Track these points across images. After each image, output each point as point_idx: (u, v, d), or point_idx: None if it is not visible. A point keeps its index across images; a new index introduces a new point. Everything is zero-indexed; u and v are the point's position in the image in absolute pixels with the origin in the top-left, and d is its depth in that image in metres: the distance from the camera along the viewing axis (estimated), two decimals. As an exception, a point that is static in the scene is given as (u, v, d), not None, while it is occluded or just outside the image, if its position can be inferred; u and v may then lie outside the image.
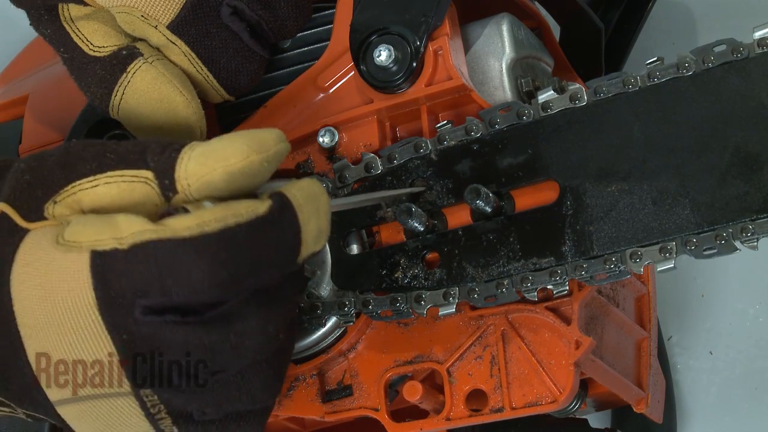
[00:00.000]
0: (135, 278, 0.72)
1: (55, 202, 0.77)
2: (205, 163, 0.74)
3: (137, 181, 0.76)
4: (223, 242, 0.72)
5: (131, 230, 0.73)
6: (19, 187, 0.78)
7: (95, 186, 0.76)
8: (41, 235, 0.76)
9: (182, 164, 0.75)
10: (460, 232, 0.90)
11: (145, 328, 0.73)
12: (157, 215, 0.75)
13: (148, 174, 0.76)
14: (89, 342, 0.74)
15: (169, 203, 0.75)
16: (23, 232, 0.77)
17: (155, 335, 0.73)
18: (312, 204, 0.76)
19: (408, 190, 0.91)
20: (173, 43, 0.94)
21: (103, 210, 0.76)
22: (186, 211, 0.74)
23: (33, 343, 0.75)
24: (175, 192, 0.75)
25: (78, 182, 0.77)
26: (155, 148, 0.77)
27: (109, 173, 0.76)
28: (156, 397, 0.76)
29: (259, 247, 0.73)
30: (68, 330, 0.74)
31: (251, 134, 0.75)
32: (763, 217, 0.81)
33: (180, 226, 0.72)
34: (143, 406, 0.76)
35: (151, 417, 0.77)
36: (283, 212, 0.74)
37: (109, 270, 0.72)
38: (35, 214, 0.77)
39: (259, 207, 0.73)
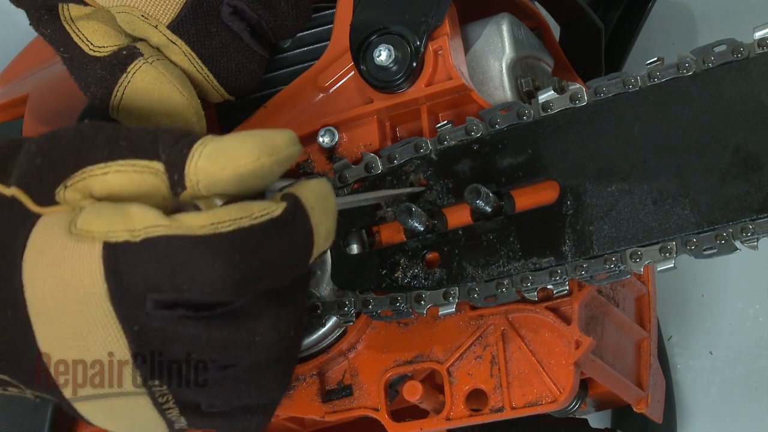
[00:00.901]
0: (147, 272, 0.72)
1: (66, 186, 0.77)
2: (216, 162, 0.74)
3: (148, 172, 0.76)
4: (237, 243, 0.72)
5: (144, 223, 0.73)
6: (31, 170, 0.78)
7: (106, 173, 0.76)
8: (53, 221, 0.76)
9: (193, 160, 0.75)
10: (460, 232, 0.90)
11: (156, 322, 0.73)
12: (166, 207, 0.75)
13: (159, 166, 0.76)
14: (100, 332, 0.74)
15: (177, 197, 0.75)
16: (35, 218, 0.76)
17: (166, 329, 0.73)
18: (322, 205, 0.76)
19: (409, 189, 0.91)
20: (173, 42, 0.94)
21: (113, 198, 0.76)
22: (197, 208, 0.74)
23: (43, 331, 0.75)
24: (184, 188, 0.75)
25: (89, 168, 0.76)
26: (168, 139, 0.76)
27: (120, 162, 0.76)
28: (165, 388, 0.76)
29: (273, 249, 0.73)
30: (80, 319, 0.74)
31: (264, 136, 0.75)
32: (763, 217, 0.81)
33: (195, 223, 0.72)
34: (151, 395, 0.76)
35: (159, 406, 0.77)
36: (297, 215, 0.74)
37: (121, 262, 0.72)
38: (46, 198, 0.77)
39: (274, 209, 0.73)
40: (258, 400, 0.79)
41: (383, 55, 0.92)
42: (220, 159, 0.74)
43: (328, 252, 0.93)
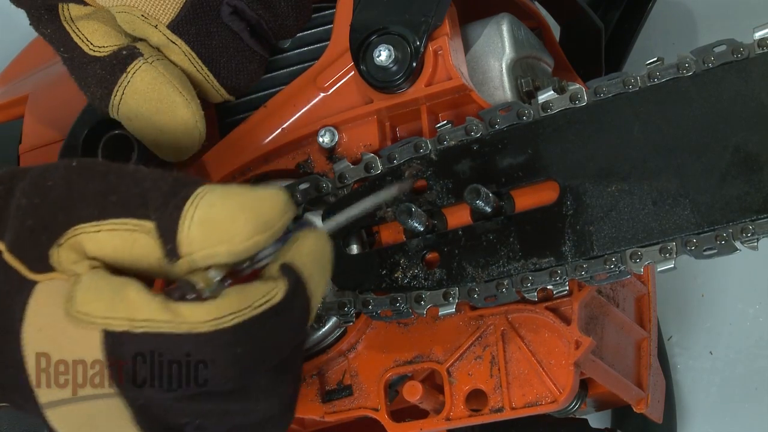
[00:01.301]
0: (148, 365, 0.72)
1: (59, 245, 0.76)
2: (209, 237, 0.73)
3: (140, 231, 0.75)
4: (240, 337, 0.72)
5: (144, 315, 0.72)
6: (22, 234, 0.76)
7: (98, 232, 0.75)
8: (50, 294, 0.75)
9: (185, 228, 0.74)
10: (460, 232, 0.90)
11: (162, 400, 0.74)
12: (160, 268, 0.75)
13: (150, 225, 0.75)
14: (105, 409, 0.74)
15: (172, 264, 0.75)
16: (31, 285, 0.76)
17: (170, 405, 0.74)
18: (319, 268, 0.76)
19: (398, 185, 0.90)
20: (173, 42, 0.94)
21: (107, 258, 0.76)
22: (194, 287, 0.74)
23: (52, 412, 0.75)
24: (178, 257, 0.74)
25: (81, 226, 0.76)
26: (157, 197, 0.75)
27: (111, 221, 0.75)
28: None
29: (274, 332, 0.73)
30: (83, 399, 0.74)
31: (256, 211, 0.74)
32: (763, 218, 0.81)
33: (196, 318, 0.72)
34: None
35: None
36: (297, 294, 0.74)
37: (124, 352, 0.72)
38: (41, 263, 0.76)
39: (275, 294, 0.73)
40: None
41: (383, 55, 0.92)
42: (212, 234, 0.73)
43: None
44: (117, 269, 0.76)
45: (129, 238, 0.75)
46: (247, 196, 0.74)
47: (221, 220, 0.73)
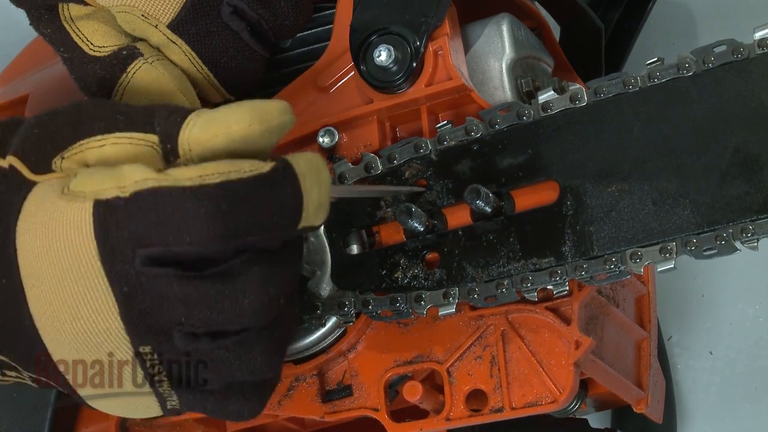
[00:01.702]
0: (135, 227, 0.72)
1: (63, 158, 0.77)
2: (208, 130, 0.74)
3: (144, 145, 0.76)
4: (223, 194, 0.72)
5: (134, 178, 0.73)
6: (29, 140, 0.78)
7: (102, 146, 0.77)
8: (48, 186, 0.76)
9: (186, 130, 0.75)
10: (460, 232, 0.90)
11: (145, 280, 0.73)
12: None
13: (155, 138, 0.76)
14: (90, 292, 0.74)
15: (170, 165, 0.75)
16: (31, 185, 0.77)
17: (155, 288, 0.73)
18: (314, 175, 0.76)
19: (408, 188, 0.91)
20: (173, 42, 0.94)
21: None
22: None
23: (34, 294, 0.75)
24: (177, 156, 0.75)
25: (86, 140, 0.77)
26: (163, 112, 0.77)
27: (117, 134, 0.77)
28: (155, 356, 0.76)
29: (260, 204, 0.73)
30: (70, 280, 0.74)
31: (256, 104, 0.75)
32: (763, 218, 0.81)
33: (182, 175, 0.72)
34: (142, 364, 0.76)
35: (150, 377, 0.77)
36: (286, 175, 0.74)
37: (110, 218, 0.73)
38: (43, 167, 0.77)
39: (262, 166, 0.73)
40: (250, 377, 0.78)
41: (383, 55, 0.92)
42: (211, 127, 0.74)
43: (328, 252, 0.93)
44: None
45: (132, 151, 0.76)
46: (251, 101, 0.76)
47: (221, 116, 0.75)
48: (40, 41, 0.99)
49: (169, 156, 0.76)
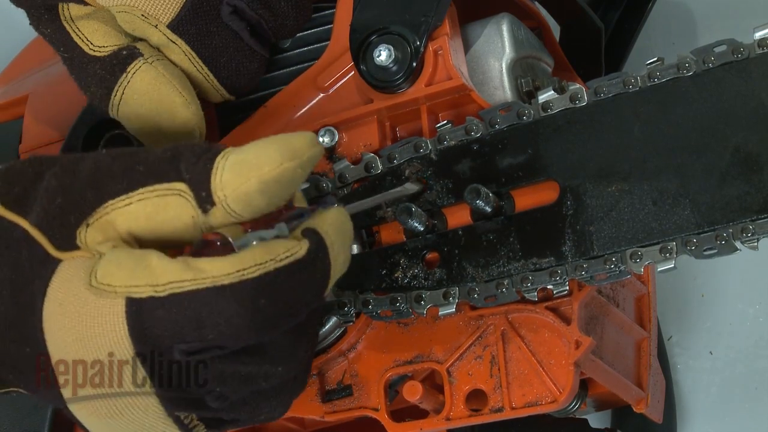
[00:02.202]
0: (173, 325, 0.72)
1: (88, 225, 0.76)
2: (240, 173, 0.73)
3: (171, 194, 0.75)
4: (263, 288, 0.72)
5: (168, 278, 0.72)
6: (52, 211, 0.77)
7: (129, 204, 0.76)
8: (74, 270, 0.75)
9: (217, 174, 0.74)
10: (460, 232, 0.90)
11: (183, 367, 0.74)
12: (196, 227, 0.75)
13: (182, 186, 0.75)
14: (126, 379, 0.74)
15: (206, 215, 0.75)
16: (55, 263, 0.76)
17: (191, 371, 0.74)
18: (341, 238, 0.76)
19: (408, 186, 0.91)
20: (173, 42, 0.94)
21: (140, 229, 0.76)
22: (225, 241, 0.73)
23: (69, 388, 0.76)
24: (213, 204, 0.74)
25: (111, 202, 0.76)
26: (189, 156, 0.76)
27: (141, 190, 0.75)
28: (191, 419, 0.77)
29: (295, 289, 0.73)
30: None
31: (283, 141, 0.74)
32: (764, 218, 0.81)
33: (219, 272, 0.72)
34: (176, 420, 0.76)
35: (184, 427, 0.77)
36: (319, 253, 0.74)
37: (146, 318, 0.72)
38: (68, 242, 0.76)
39: (298, 250, 0.73)
40: (278, 410, 0.80)
41: (383, 55, 0.92)
42: (243, 170, 0.73)
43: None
44: (147, 244, 0.76)
45: (161, 203, 0.75)
46: (277, 136, 0.75)
47: (251, 157, 0.74)
48: (40, 41, 0.99)
49: (205, 204, 0.74)
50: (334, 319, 0.93)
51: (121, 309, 0.73)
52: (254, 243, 0.74)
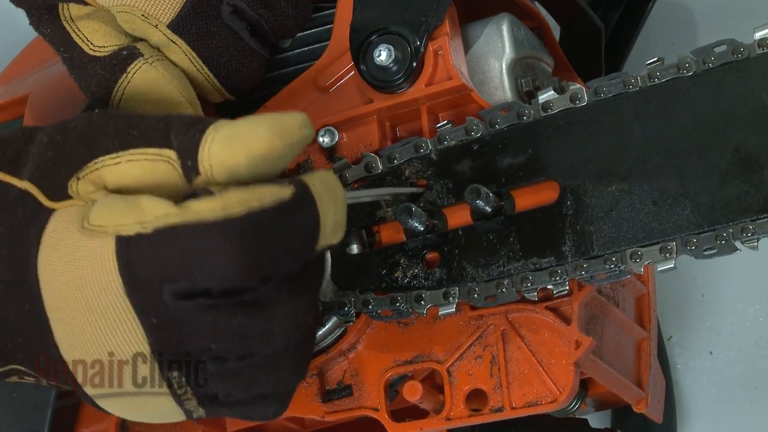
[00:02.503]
0: (160, 263, 0.72)
1: (78, 178, 0.77)
2: (229, 147, 0.74)
3: (160, 160, 0.75)
4: (248, 226, 0.71)
5: (155, 213, 0.72)
6: (43, 164, 0.78)
7: (118, 163, 0.76)
8: (67, 217, 0.76)
9: (206, 146, 0.74)
10: (460, 232, 0.90)
11: (174, 312, 0.73)
12: (179, 194, 0.75)
13: (171, 153, 0.75)
14: (118, 325, 0.74)
15: (190, 184, 0.75)
16: (48, 212, 0.77)
17: (184, 319, 0.73)
18: (330, 194, 0.76)
19: (410, 189, 0.91)
20: (174, 42, 0.94)
21: (126, 188, 0.76)
22: (210, 193, 0.73)
23: (61, 328, 0.76)
24: (197, 173, 0.75)
25: (101, 159, 0.76)
26: (180, 126, 0.76)
27: (132, 151, 0.76)
28: (183, 380, 0.76)
29: (282, 232, 0.73)
30: (97, 314, 0.74)
31: (276, 119, 0.74)
32: (764, 218, 0.81)
33: (204, 209, 0.71)
34: (170, 386, 0.76)
35: (177, 398, 0.77)
36: (305, 199, 0.74)
37: (134, 255, 0.72)
38: (59, 192, 0.77)
39: (283, 192, 0.73)
40: (275, 388, 0.79)
41: (383, 55, 0.92)
42: (232, 143, 0.74)
43: (328, 252, 0.93)
44: None
45: (149, 167, 0.75)
46: (270, 114, 0.75)
47: (242, 132, 0.74)
48: (40, 41, 0.99)
49: (190, 173, 0.75)
50: (334, 319, 0.93)
51: (111, 248, 0.73)
52: None
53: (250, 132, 0.74)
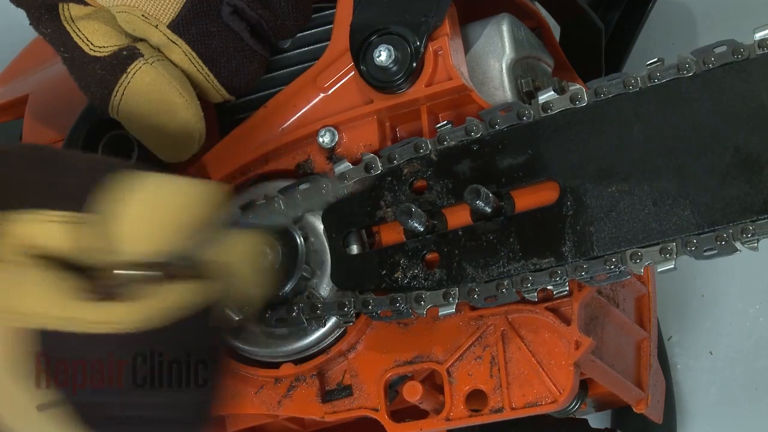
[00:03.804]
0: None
1: None
2: (137, 234, 0.73)
3: (58, 222, 0.73)
4: (160, 336, 0.72)
5: (40, 310, 0.71)
6: None
7: (27, 222, 0.74)
8: None
9: (116, 224, 0.73)
10: (460, 233, 0.90)
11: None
12: (79, 261, 0.73)
13: (71, 215, 0.73)
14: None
15: (93, 259, 0.74)
16: None
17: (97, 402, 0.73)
18: (246, 268, 0.77)
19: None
20: (174, 42, 0.94)
21: (39, 248, 0.74)
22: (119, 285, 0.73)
23: None
24: (107, 252, 0.73)
25: (13, 214, 0.74)
26: (82, 186, 0.74)
27: (43, 212, 0.74)
28: None
29: (195, 333, 0.75)
30: None
31: (201, 192, 0.75)
32: (764, 218, 0.81)
33: (118, 319, 0.71)
34: None
35: None
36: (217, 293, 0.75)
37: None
38: None
39: (196, 294, 0.73)
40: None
41: (383, 55, 0.92)
42: (140, 232, 0.73)
43: (328, 252, 0.94)
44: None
45: (46, 229, 0.73)
46: (180, 193, 0.74)
47: (150, 219, 0.73)
48: (40, 41, 0.99)
49: (97, 253, 0.73)
50: (334, 319, 0.93)
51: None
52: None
53: (159, 226, 0.73)
